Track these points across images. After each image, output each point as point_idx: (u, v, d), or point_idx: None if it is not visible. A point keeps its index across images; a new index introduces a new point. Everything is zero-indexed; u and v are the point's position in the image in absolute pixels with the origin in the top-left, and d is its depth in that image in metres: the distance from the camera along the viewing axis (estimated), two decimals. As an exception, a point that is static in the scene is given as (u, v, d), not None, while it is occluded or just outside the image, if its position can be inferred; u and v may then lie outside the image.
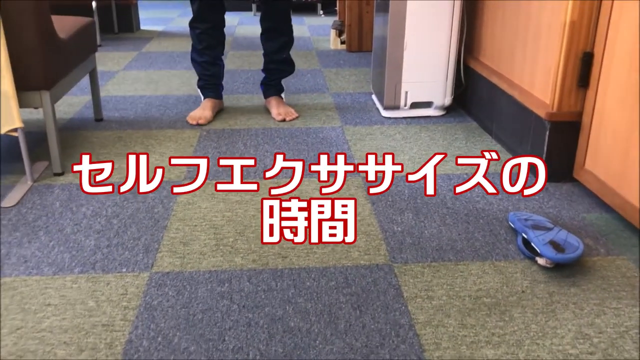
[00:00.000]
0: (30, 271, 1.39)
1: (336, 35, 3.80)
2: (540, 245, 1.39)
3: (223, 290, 1.32)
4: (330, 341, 1.16)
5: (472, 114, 2.45)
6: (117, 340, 1.17)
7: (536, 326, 1.20)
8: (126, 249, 1.49)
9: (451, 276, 1.38)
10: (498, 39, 2.20)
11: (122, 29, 4.30)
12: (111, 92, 2.84)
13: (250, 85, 2.98)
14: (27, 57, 1.75)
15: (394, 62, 2.37)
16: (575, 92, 1.74)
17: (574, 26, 1.66)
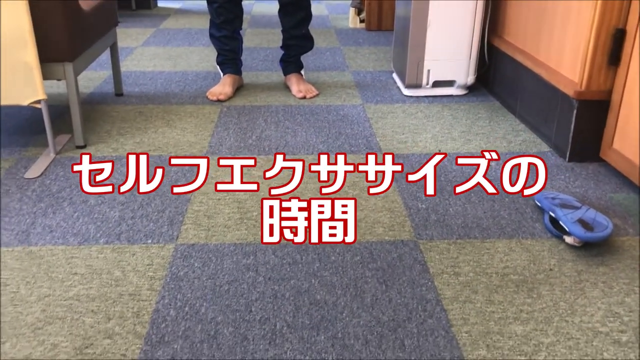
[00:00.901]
0: (55, 241, 1.40)
1: (355, 14, 3.76)
2: (569, 223, 1.37)
3: (248, 262, 1.32)
4: (357, 314, 1.16)
5: (495, 94, 2.42)
6: (144, 309, 1.17)
7: (565, 304, 1.19)
8: (151, 220, 1.49)
9: (477, 253, 1.36)
10: (524, 16, 2.16)
11: (139, 6, 4.28)
12: (130, 67, 2.83)
13: (269, 62, 2.96)
14: (50, 29, 1.74)
15: (416, 40, 2.33)
16: (605, 70, 1.70)
17: (606, 2, 1.62)
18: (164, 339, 1.09)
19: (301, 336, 1.10)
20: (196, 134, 2.02)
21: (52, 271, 1.29)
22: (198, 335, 1.10)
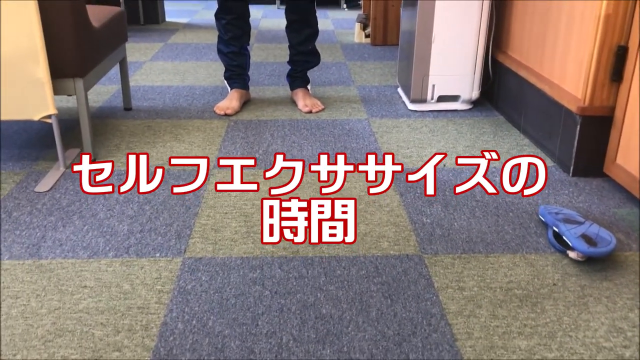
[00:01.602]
0: (65, 254, 1.42)
1: (360, 29, 3.80)
2: (573, 238, 1.38)
3: (255, 276, 1.34)
4: (363, 328, 1.17)
5: (499, 108, 2.44)
6: (153, 322, 1.19)
7: (568, 319, 1.20)
8: (159, 234, 1.51)
9: (482, 268, 1.38)
10: (527, 32, 2.19)
11: (148, 21, 4.34)
12: (139, 82, 2.87)
13: (275, 77, 2.99)
14: (62, 45, 1.78)
15: (421, 55, 2.36)
16: (608, 86, 1.72)
17: (608, 19, 1.64)
18: (172, 352, 1.11)
19: (307, 350, 1.11)
20: (204, 148, 2.05)
21: (62, 284, 1.31)
22: (205, 348, 1.12)
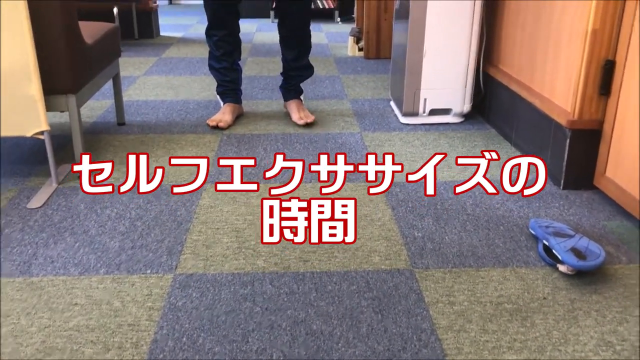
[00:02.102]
0: (57, 271, 1.42)
1: (354, 42, 3.82)
2: (562, 252, 1.39)
3: (246, 292, 1.34)
4: (353, 344, 1.17)
5: (491, 122, 2.45)
6: (143, 340, 1.18)
7: (558, 333, 1.21)
8: (150, 250, 1.51)
9: (472, 282, 1.38)
10: (518, 46, 2.21)
11: (142, 35, 4.36)
12: (132, 96, 2.88)
13: (269, 91, 3.01)
14: (54, 62, 1.79)
15: (413, 69, 2.38)
16: (596, 100, 1.74)
17: (595, 34, 1.66)
18: (161, 370, 1.11)
19: (297, 366, 1.11)
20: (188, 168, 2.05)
21: (52, 302, 1.30)
22: (195, 365, 1.12)
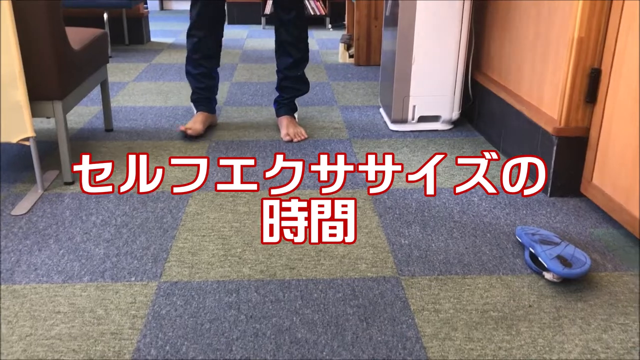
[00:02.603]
0: (40, 279, 1.41)
1: (344, 49, 3.83)
2: (548, 260, 1.39)
3: (231, 300, 1.33)
4: (337, 353, 1.17)
5: (479, 129, 2.46)
6: (126, 348, 1.17)
7: (543, 340, 1.20)
8: (135, 258, 1.50)
9: (458, 289, 1.38)
10: (506, 54, 2.22)
11: (132, 41, 4.35)
12: (121, 102, 2.87)
13: (258, 97, 3.00)
14: (40, 68, 1.78)
15: (402, 76, 2.38)
16: (582, 108, 1.75)
17: (581, 42, 1.67)
18: (143, 379, 1.09)
19: (281, 375, 1.11)
20: (183, 170, 2.04)
21: (34, 310, 1.29)
22: (178, 374, 1.11)
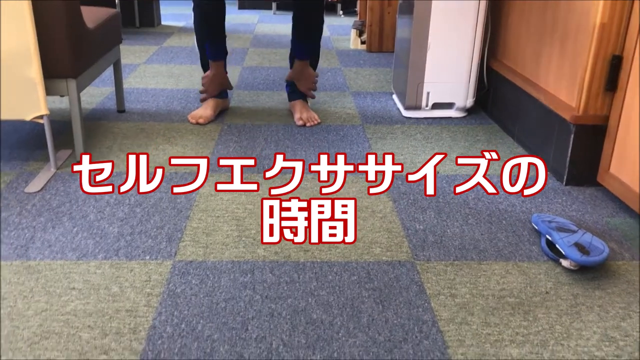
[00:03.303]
0: (54, 255, 1.40)
1: (357, 35, 3.80)
2: (565, 247, 1.38)
3: (246, 280, 1.32)
4: (353, 334, 1.16)
5: (494, 117, 2.44)
6: (141, 325, 1.17)
7: (561, 327, 1.19)
8: (149, 237, 1.49)
9: (474, 275, 1.37)
10: (523, 41, 2.19)
11: (143, 24, 4.33)
12: (133, 84, 2.86)
13: (270, 82, 2.99)
14: (55, 45, 1.77)
15: (416, 63, 2.36)
16: (602, 96, 1.72)
17: (603, 28, 1.64)
18: (160, 356, 1.09)
19: (297, 355, 1.10)
20: (197, 152, 2.03)
21: (49, 286, 1.29)
22: (194, 352, 1.10)
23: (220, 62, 2.37)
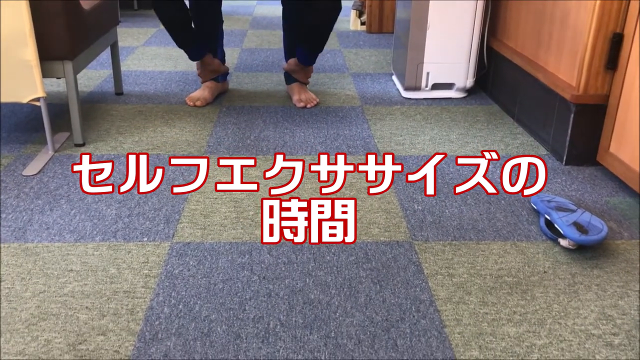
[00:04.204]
0: (52, 238, 1.40)
1: (356, 16, 3.77)
2: (564, 226, 1.38)
3: (243, 261, 1.32)
4: (351, 314, 1.16)
5: (494, 97, 2.42)
6: (139, 306, 1.17)
7: (558, 306, 1.19)
8: (147, 219, 1.49)
9: (472, 255, 1.37)
10: (523, 20, 2.17)
11: (141, 6, 4.29)
12: (131, 67, 2.84)
13: (269, 64, 2.97)
14: (51, 27, 1.75)
15: (416, 43, 2.34)
16: (602, 75, 1.71)
17: (604, 6, 1.62)
18: (157, 336, 1.09)
19: (294, 335, 1.10)
20: (195, 134, 2.03)
21: (47, 268, 1.29)
22: (191, 332, 1.10)
23: (205, 58, 2.29)
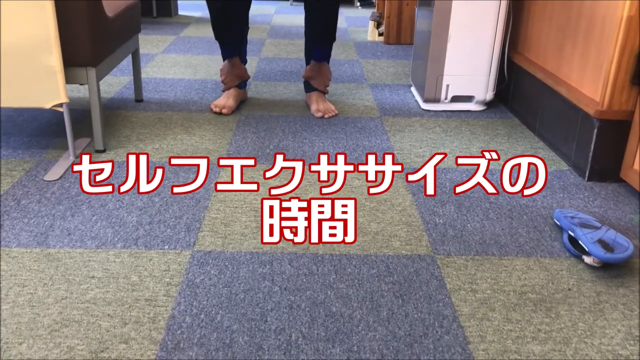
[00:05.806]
0: (73, 244, 1.41)
1: (374, 27, 3.77)
2: (589, 243, 1.36)
3: (264, 271, 1.32)
4: (373, 328, 1.15)
5: (514, 110, 2.41)
6: (160, 315, 1.17)
7: (584, 325, 1.18)
8: (168, 226, 1.49)
9: (495, 270, 1.35)
10: (545, 34, 2.16)
11: (160, 14, 4.33)
12: (150, 74, 2.86)
13: (287, 73, 2.97)
14: (75, 34, 1.76)
15: (436, 55, 2.34)
16: (627, 90, 1.69)
17: (631, 21, 1.61)
18: (179, 346, 1.09)
19: (316, 348, 1.09)
20: (214, 142, 2.03)
21: (69, 274, 1.29)
22: (213, 343, 1.10)
23: (234, 59, 2.35)
